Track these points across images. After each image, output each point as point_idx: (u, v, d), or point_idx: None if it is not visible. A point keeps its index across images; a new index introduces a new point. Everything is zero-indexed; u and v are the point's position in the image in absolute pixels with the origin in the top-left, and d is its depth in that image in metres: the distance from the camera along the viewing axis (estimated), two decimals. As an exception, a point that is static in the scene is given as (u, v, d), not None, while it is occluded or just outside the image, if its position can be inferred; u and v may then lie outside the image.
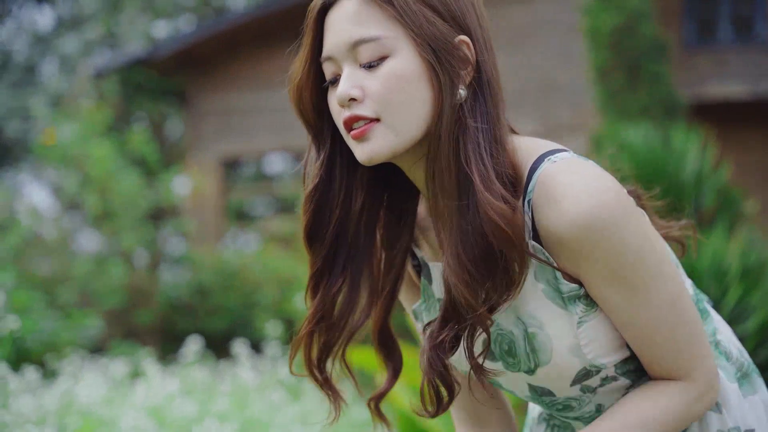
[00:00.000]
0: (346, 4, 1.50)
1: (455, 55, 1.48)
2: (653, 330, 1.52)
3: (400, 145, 1.50)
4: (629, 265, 1.47)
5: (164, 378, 4.05)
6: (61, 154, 10.10)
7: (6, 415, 2.89)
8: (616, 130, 5.45)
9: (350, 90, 1.48)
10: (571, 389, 1.62)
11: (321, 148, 1.61)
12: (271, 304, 9.50)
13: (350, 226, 1.63)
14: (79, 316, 8.29)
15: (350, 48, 1.49)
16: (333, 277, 1.64)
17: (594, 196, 1.43)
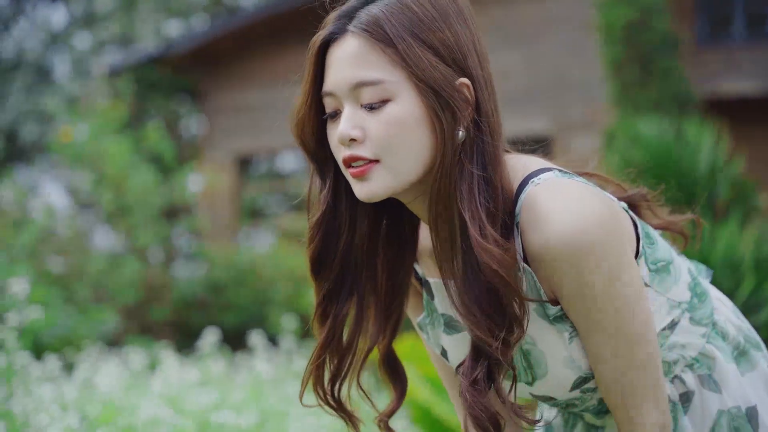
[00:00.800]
0: (349, 42, 1.51)
1: (456, 98, 1.49)
2: (606, 360, 1.56)
3: (398, 187, 1.53)
4: (597, 296, 1.50)
5: (182, 368, 4.09)
6: (77, 151, 10.15)
7: (28, 402, 2.93)
8: (630, 124, 5.47)
9: (351, 131, 1.50)
10: (571, 393, 1.67)
11: (326, 176, 1.63)
12: (285, 300, 9.54)
13: (356, 252, 1.65)
14: (95, 312, 8.35)
15: (352, 89, 1.50)
16: (340, 303, 1.66)
17: (574, 220, 1.46)
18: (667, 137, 4.71)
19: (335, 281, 1.65)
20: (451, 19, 1.52)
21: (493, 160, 1.51)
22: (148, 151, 10.73)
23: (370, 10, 1.51)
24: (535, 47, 10.67)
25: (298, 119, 1.60)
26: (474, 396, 1.56)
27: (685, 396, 1.71)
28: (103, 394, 3.58)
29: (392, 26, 1.48)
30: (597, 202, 1.49)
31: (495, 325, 1.51)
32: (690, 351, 1.71)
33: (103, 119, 10.37)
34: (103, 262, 9.57)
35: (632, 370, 1.56)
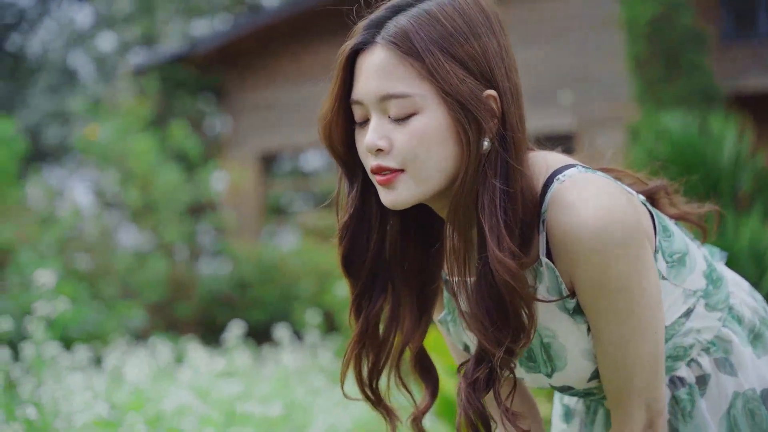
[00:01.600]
0: (377, 53, 1.52)
1: (483, 110, 1.51)
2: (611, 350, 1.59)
3: (423, 196, 1.55)
4: (613, 289, 1.53)
5: (208, 360, 4.13)
6: (103, 149, 10.23)
7: (58, 390, 2.98)
8: (654, 118, 5.47)
9: (377, 141, 1.52)
10: (590, 383, 1.71)
11: (354, 179, 1.64)
12: (310, 296, 9.58)
13: (387, 250, 1.68)
14: (122, 307, 8.42)
15: (379, 101, 1.52)
16: (374, 298, 1.69)
17: (601, 212, 1.49)
18: (692, 131, 4.72)
19: (368, 278, 1.68)
20: (480, 31, 1.52)
21: (515, 172, 1.53)
22: (173, 149, 10.80)
23: (399, 22, 1.52)
24: (558, 44, 10.66)
25: (326, 124, 1.61)
26: (470, 397, 1.59)
27: (702, 379, 1.74)
28: (131, 384, 3.62)
29: (420, 39, 1.49)
30: (621, 196, 1.52)
31: (501, 335, 1.54)
32: (706, 335, 1.73)
33: (128, 117, 10.45)
34: (130, 260, 9.65)
35: (630, 365, 1.60)
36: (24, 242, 8.87)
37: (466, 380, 1.60)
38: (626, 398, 1.62)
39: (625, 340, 1.57)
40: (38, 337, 3.27)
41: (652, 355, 1.60)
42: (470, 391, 1.59)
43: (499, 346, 1.54)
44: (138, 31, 17.81)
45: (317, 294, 9.40)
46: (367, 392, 1.74)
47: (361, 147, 1.57)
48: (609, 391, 1.64)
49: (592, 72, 10.57)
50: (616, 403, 1.64)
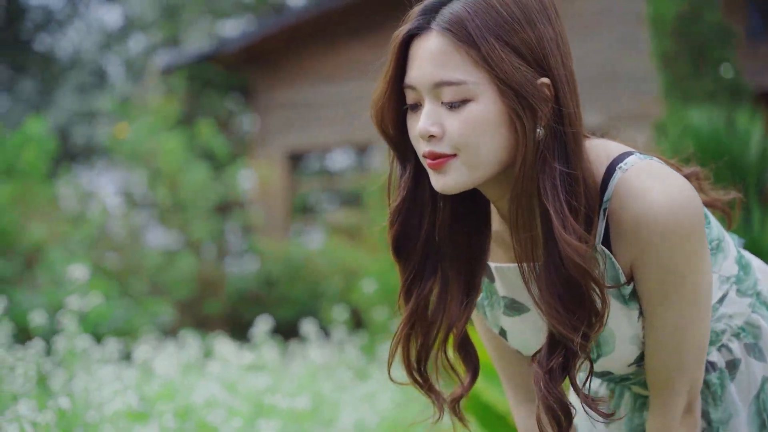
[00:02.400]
0: (433, 40, 1.53)
1: (537, 97, 1.51)
2: (667, 335, 1.61)
3: (474, 181, 1.56)
4: (676, 275, 1.55)
5: (237, 354, 4.17)
6: (132, 148, 10.31)
7: (90, 382, 3.03)
8: (681, 114, 5.47)
9: (430, 127, 1.53)
10: (629, 368, 1.73)
11: (406, 162, 1.65)
12: (337, 294, 9.62)
13: (437, 233, 1.68)
14: (151, 304, 8.49)
15: (433, 86, 1.52)
16: (424, 281, 1.70)
17: (670, 199, 1.51)
18: (718, 128, 4.72)
19: (419, 261, 1.69)
20: (535, 19, 1.53)
21: (574, 155, 1.54)
22: (200, 147, 10.87)
23: (454, 8, 1.52)
24: (586, 40, 10.64)
25: (378, 108, 1.62)
26: (548, 385, 1.60)
27: (732, 364, 1.77)
28: (160, 377, 3.67)
29: (476, 27, 1.49)
30: (685, 183, 1.55)
31: (577, 320, 1.56)
32: (736, 320, 1.76)
33: (156, 116, 10.52)
34: (158, 258, 9.72)
35: (682, 351, 1.62)
36: (54, 241, 8.96)
37: (542, 369, 1.61)
38: (672, 383, 1.65)
39: (682, 325, 1.60)
40: (71, 330, 3.33)
41: (702, 340, 1.63)
42: (548, 380, 1.60)
43: (576, 331, 1.56)
44: (163, 33, 17.91)
45: (344, 292, 9.44)
46: (415, 375, 1.76)
47: (413, 131, 1.58)
48: (655, 376, 1.66)
49: (620, 68, 10.55)
50: (660, 388, 1.66)
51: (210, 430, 3.09)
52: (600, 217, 1.58)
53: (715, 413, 1.76)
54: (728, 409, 1.76)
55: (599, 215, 1.58)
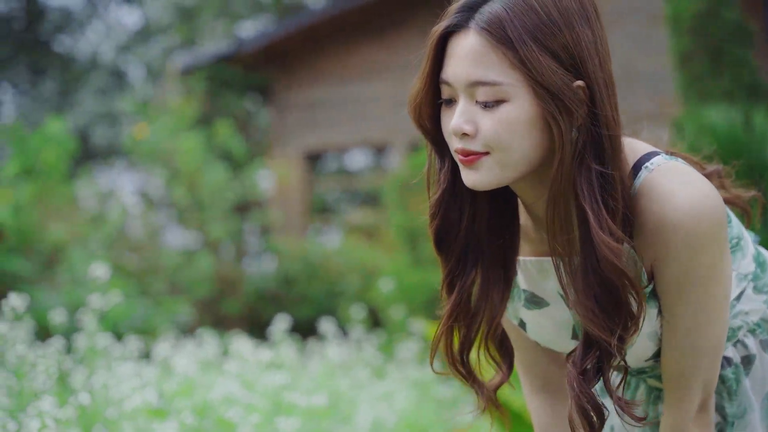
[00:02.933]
0: (470, 38, 1.53)
1: (574, 100, 1.52)
2: (684, 333, 1.62)
3: (504, 180, 1.57)
4: (697, 276, 1.57)
5: (255, 351, 4.21)
6: (151, 148, 10.37)
7: (110, 378, 3.07)
8: (698, 113, 5.47)
9: (463, 125, 1.54)
10: (646, 363, 1.75)
11: (444, 156, 1.66)
12: (355, 293, 9.65)
13: (477, 225, 1.69)
14: (170, 304, 8.55)
15: (469, 85, 1.53)
16: (466, 273, 1.71)
17: (696, 200, 1.53)
18: (735, 126, 4.72)
19: (460, 254, 1.70)
20: (574, 22, 1.54)
21: (611, 156, 1.54)
22: (219, 147, 10.92)
23: (493, 8, 1.52)
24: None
25: (416, 103, 1.62)
26: (582, 386, 1.61)
27: (747, 359, 1.79)
28: (179, 374, 3.71)
29: (514, 28, 1.50)
30: (709, 184, 1.56)
31: (613, 322, 1.57)
32: (752, 317, 1.78)
33: (176, 117, 10.57)
34: (177, 258, 9.78)
35: (699, 349, 1.64)
36: (74, 241, 9.03)
37: (576, 369, 1.62)
38: (687, 380, 1.66)
39: (701, 324, 1.61)
40: (91, 328, 3.37)
41: (718, 340, 1.64)
42: (581, 380, 1.61)
43: (612, 333, 1.57)
44: (180, 35, 17.99)
45: (362, 291, 9.47)
46: (458, 367, 1.77)
47: (446, 126, 1.59)
48: (671, 373, 1.67)
49: (638, 67, 10.53)
50: (675, 385, 1.67)
51: (228, 426, 3.12)
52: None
53: (731, 408, 1.78)
54: (743, 403, 1.77)
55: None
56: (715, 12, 7.46)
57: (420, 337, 6.16)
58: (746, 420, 1.77)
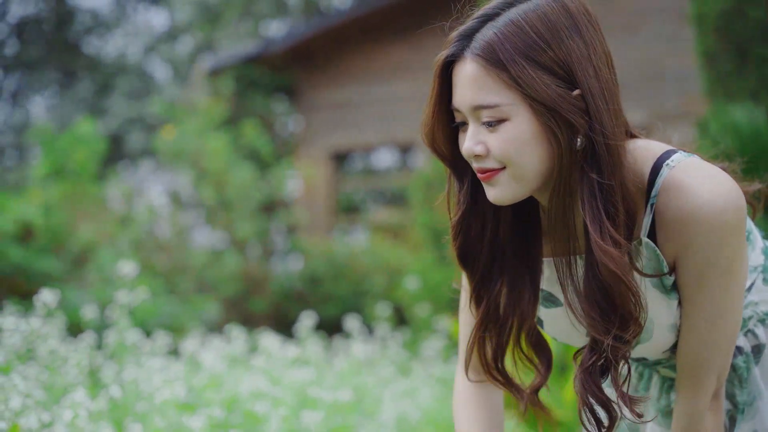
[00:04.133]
0: (467, 65, 1.60)
1: (572, 111, 1.58)
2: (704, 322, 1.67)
3: (524, 193, 1.64)
4: (719, 267, 1.62)
5: (282, 348, 4.26)
6: (179, 148, 10.45)
7: (139, 373, 3.13)
8: (723, 111, 5.47)
9: (474, 147, 1.62)
10: (664, 354, 1.80)
11: (463, 177, 1.74)
12: (380, 291, 9.69)
13: (501, 236, 1.76)
14: (197, 302, 8.62)
15: (472, 110, 1.60)
16: (493, 284, 1.78)
17: (718, 195, 1.58)
18: (759, 124, 4.72)
19: (485, 266, 1.77)
20: (563, 35, 1.59)
21: (609, 164, 1.60)
22: (245, 147, 10.98)
23: (485, 34, 1.59)
24: (630, 38, 10.62)
25: (428, 130, 1.70)
26: (586, 383, 1.67)
27: (757, 348, 1.84)
28: (207, 370, 3.76)
29: (505, 50, 1.57)
30: (732, 181, 1.61)
31: (609, 324, 1.62)
32: (762, 307, 1.83)
33: (203, 117, 10.65)
34: (204, 257, 9.86)
35: (716, 339, 1.69)
36: (103, 240, 9.14)
37: (582, 368, 1.68)
38: (704, 369, 1.71)
39: (719, 315, 1.66)
40: (121, 324, 3.44)
41: (734, 329, 1.70)
42: (586, 377, 1.67)
43: (608, 334, 1.62)
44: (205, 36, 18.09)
45: (387, 289, 9.51)
46: (494, 374, 1.84)
47: (463, 149, 1.66)
48: (687, 362, 1.72)
49: (664, 66, 10.51)
50: (690, 374, 1.72)
51: (256, 419, 3.18)
52: (647, 211, 1.65)
53: (741, 395, 1.82)
54: (753, 391, 1.82)
55: (646, 210, 1.65)
56: (740, 11, 7.45)
57: (444, 334, 6.20)
58: (755, 407, 1.82)
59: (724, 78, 7.52)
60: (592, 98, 1.59)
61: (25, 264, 7.86)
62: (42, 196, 8.97)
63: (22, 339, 2.69)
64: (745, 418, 1.83)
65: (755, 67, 7.55)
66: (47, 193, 9.07)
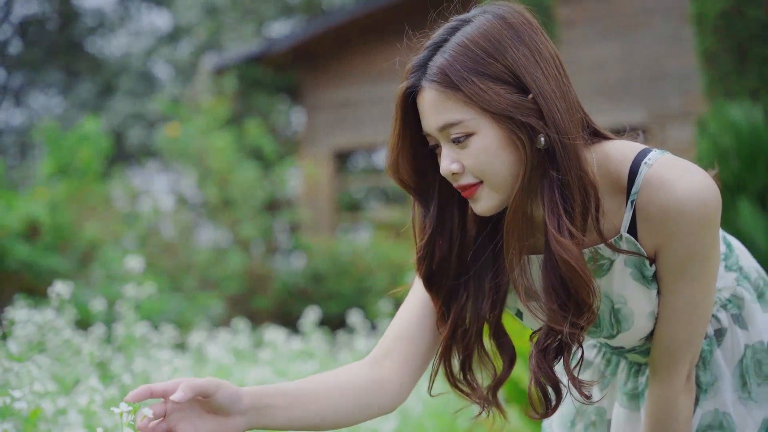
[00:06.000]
0: (427, 93, 1.71)
1: (528, 114, 1.67)
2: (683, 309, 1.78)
3: (503, 200, 1.72)
4: (699, 255, 1.72)
5: (287, 341, 4.33)
6: (183, 147, 10.51)
7: (148, 364, 3.19)
8: (721, 110, 5.54)
9: (450, 166, 1.70)
10: (639, 341, 1.90)
11: (429, 202, 1.83)
12: (383, 289, 9.75)
13: (467, 253, 1.84)
14: (202, 298, 8.69)
15: (440, 130, 1.70)
16: (459, 300, 1.85)
17: (697, 188, 1.67)
18: (757, 123, 4.79)
19: (451, 285, 1.84)
20: (506, 45, 1.68)
21: (566, 160, 1.68)
22: (249, 146, 11.04)
23: (437, 61, 1.70)
24: (631, 38, 10.68)
25: (393, 160, 1.80)
26: (540, 363, 1.76)
27: (719, 332, 1.95)
28: (213, 362, 3.83)
29: (455, 71, 1.67)
30: (706, 175, 1.70)
31: (566, 311, 1.71)
32: (724, 293, 1.95)
33: (207, 116, 10.71)
34: (208, 255, 9.92)
35: (695, 323, 1.80)
36: (108, 238, 9.21)
37: (537, 348, 1.76)
38: (680, 352, 1.81)
39: (698, 301, 1.77)
40: (129, 317, 3.50)
41: (708, 313, 1.80)
42: (540, 358, 1.75)
43: (564, 322, 1.71)
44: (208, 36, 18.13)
45: (390, 287, 9.56)
46: (460, 386, 1.88)
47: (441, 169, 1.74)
48: (664, 347, 1.82)
49: (664, 66, 10.57)
50: (667, 359, 1.83)
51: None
52: (627, 208, 1.73)
53: (704, 376, 1.94)
54: (715, 372, 1.94)
55: (626, 207, 1.73)
56: (739, 11, 7.51)
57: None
58: (716, 387, 1.94)
59: (724, 77, 7.58)
60: (544, 100, 1.67)
61: (31, 261, 7.95)
62: (48, 195, 9.04)
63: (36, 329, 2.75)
64: (707, 397, 1.94)
65: (755, 66, 7.61)
66: (53, 191, 9.14)
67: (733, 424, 1.92)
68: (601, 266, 1.79)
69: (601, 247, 1.77)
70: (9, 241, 7.97)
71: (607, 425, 2.08)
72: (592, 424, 2.09)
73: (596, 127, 1.80)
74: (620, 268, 1.78)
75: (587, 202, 1.70)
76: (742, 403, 1.94)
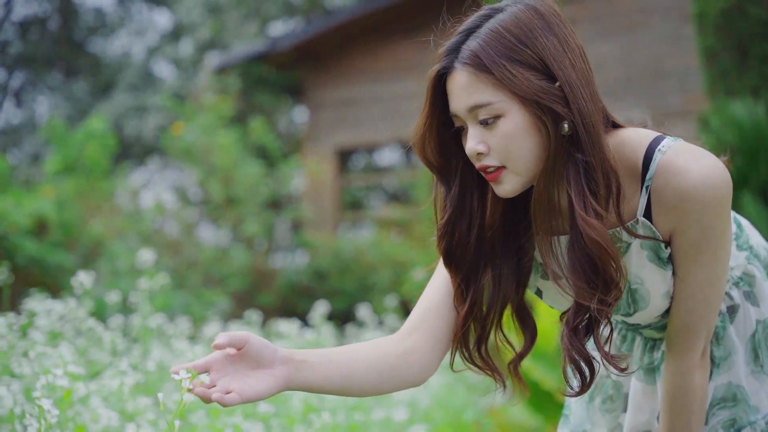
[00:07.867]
0: (458, 75, 1.79)
1: (554, 100, 1.76)
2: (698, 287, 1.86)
3: (527, 183, 1.82)
4: (712, 237, 1.81)
5: (297, 333, 4.40)
6: (187, 145, 10.57)
7: (167, 354, 3.27)
8: (723, 107, 5.61)
9: (476, 146, 1.80)
10: (655, 319, 1.99)
11: (451, 182, 1.91)
12: (387, 286, 9.82)
13: (488, 234, 1.93)
14: (207, 295, 8.76)
15: (469, 111, 1.79)
16: (478, 280, 1.94)
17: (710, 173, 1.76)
18: (759, 120, 4.87)
19: (471, 264, 1.93)
20: (537, 34, 1.77)
21: (590, 143, 1.77)
22: (252, 144, 11.10)
23: (470, 44, 1.79)
24: (632, 37, 10.74)
25: (419, 138, 1.88)
26: (572, 340, 1.84)
27: (732, 309, 2.05)
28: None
29: (488, 56, 1.76)
30: (717, 160, 1.79)
31: (594, 288, 1.79)
32: (736, 271, 2.04)
33: (212, 114, 10.77)
34: (213, 253, 9.97)
35: (710, 301, 1.88)
36: (112, 235, 9.27)
37: (568, 327, 1.84)
38: (696, 330, 1.90)
39: (712, 280, 1.86)
40: (145, 309, 3.58)
41: (722, 290, 1.89)
42: (572, 336, 1.83)
43: (592, 299, 1.79)
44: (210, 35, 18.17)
45: (394, 284, 9.64)
46: (475, 360, 1.97)
47: (467, 150, 1.83)
48: (681, 324, 1.91)
49: (666, 65, 10.62)
50: (683, 335, 1.92)
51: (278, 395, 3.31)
52: (642, 193, 1.82)
53: (717, 351, 2.04)
54: (728, 347, 2.04)
55: (641, 192, 1.82)
56: (740, 9, 7.57)
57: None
58: (730, 361, 2.04)
59: (725, 75, 7.64)
60: (570, 87, 1.77)
61: (39, 257, 8.02)
62: (55, 192, 9.10)
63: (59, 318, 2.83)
64: (720, 372, 2.03)
65: (756, 64, 7.67)
66: (60, 188, 9.20)
67: (747, 396, 2.02)
68: (619, 248, 1.88)
69: (618, 230, 1.85)
70: (18, 237, 8.04)
71: (624, 399, 2.17)
72: (609, 398, 2.19)
73: (611, 116, 1.89)
74: (637, 250, 1.87)
75: (610, 185, 1.78)
76: (755, 376, 2.04)
